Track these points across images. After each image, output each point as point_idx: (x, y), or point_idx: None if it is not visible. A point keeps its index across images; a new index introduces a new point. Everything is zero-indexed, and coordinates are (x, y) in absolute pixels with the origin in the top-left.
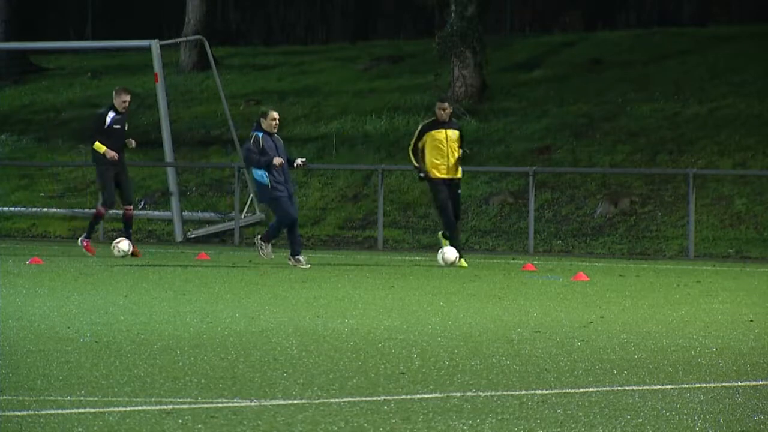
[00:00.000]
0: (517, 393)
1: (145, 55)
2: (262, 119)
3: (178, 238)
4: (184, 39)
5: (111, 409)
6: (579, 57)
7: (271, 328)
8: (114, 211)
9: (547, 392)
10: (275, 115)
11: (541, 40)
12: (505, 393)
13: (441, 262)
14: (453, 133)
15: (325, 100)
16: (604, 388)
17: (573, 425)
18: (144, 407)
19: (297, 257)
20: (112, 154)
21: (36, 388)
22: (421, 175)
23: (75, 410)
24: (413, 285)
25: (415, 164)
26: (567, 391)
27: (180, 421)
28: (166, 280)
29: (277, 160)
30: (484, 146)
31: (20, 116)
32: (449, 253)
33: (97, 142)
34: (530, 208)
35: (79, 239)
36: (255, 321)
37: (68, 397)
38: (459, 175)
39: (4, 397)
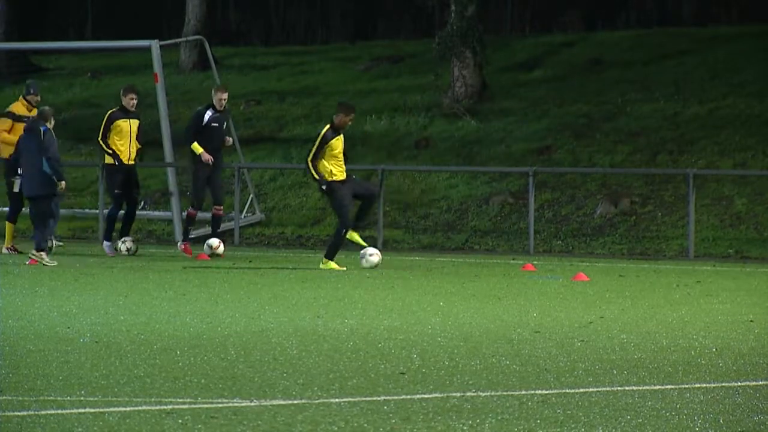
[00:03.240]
0: (517, 393)
1: (145, 55)
2: (44, 117)
3: (178, 238)
4: (184, 39)
5: (111, 409)
6: (579, 57)
7: (271, 329)
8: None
9: (547, 392)
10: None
11: (541, 40)
12: (505, 393)
13: (367, 264)
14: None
15: (325, 100)
16: (604, 389)
17: (573, 425)
18: (144, 407)
19: (41, 252)
20: (207, 157)
21: (36, 389)
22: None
23: (75, 410)
24: (413, 285)
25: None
26: (567, 391)
27: (180, 421)
28: (166, 281)
29: (63, 184)
30: (484, 146)
31: None
32: (375, 255)
33: (195, 143)
34: (530, 208)
35: (178, 244)
36: (255, 321)
37: (68, 398)
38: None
39: (4, 397)
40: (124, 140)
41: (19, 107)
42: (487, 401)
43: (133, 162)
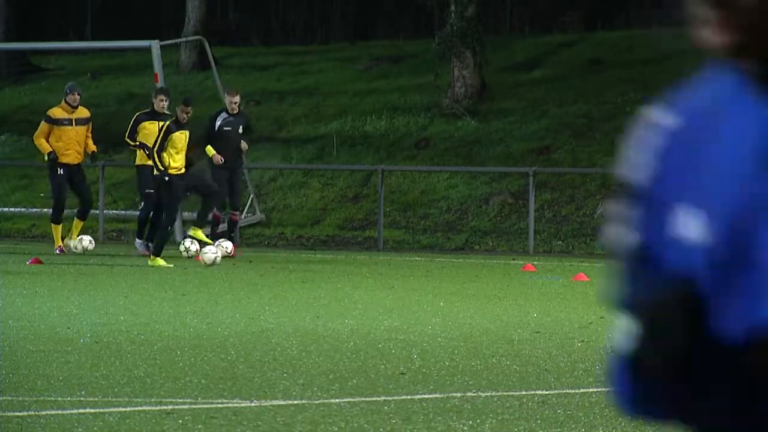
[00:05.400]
0: (517, 393)
1: (145, 55)
2: None
3: (178, 238)
4: (184, 39)
5: (111, 409)
6: (579, 57)
7: (271, 329)
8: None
9: (547, 393)
10: None
11: (540, 40)
12: (505, 393)
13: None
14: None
15: (325, 100)
16: (605, 389)
17: (573, 426)
18: (144, 407)
19: None
20: (218, 158)
21: (36, 389)
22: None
23: (75, 410)
24: (413, 285)
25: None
26: (567, 391)
27: (180, 421)
28: (166, 281)
29: None
30: (484, 146)
31: (20, 116)
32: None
33: (208, 146)
34: (530, 208)
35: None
36: (255, 321)
37: (68, 398)
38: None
39: (4, 398)
40: (152, 142)
41: (57, 111)
42: (488, 401)
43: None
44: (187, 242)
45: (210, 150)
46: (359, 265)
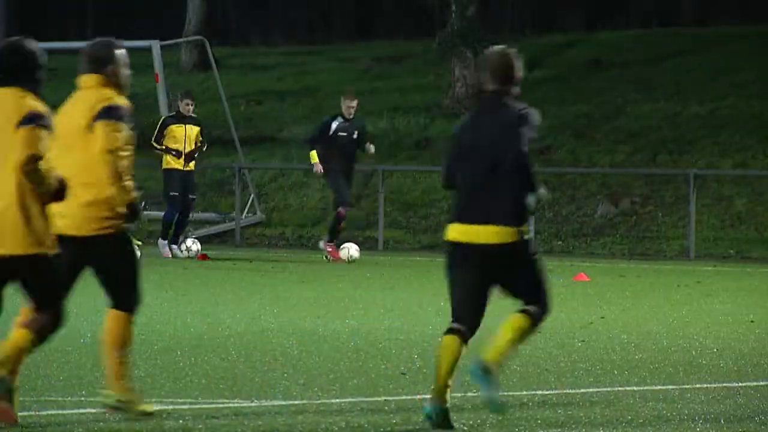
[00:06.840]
0: (517, 393)
1: (145, 55)
2: None
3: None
4: (185, 39)
5: None
6: (579, 57)
7: (272, 329)
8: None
9: (547, 392)
10: None
11: (541, 40)
12: (505, 393)
13: None
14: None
15: (326, 100)
16: (605, 389)
17: (574, 425)
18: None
19: None
20: (318, 168)
21: (36, 389)
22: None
23: (76, 411)
24: (413, 285)
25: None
26: (568, 391)
27: (180, 421)
28: (166, 281)
29: None
30: None
31: None
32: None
33: (313, 151)
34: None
35: (321, 243)
36: (255, 322)
37: (69, 398)
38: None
39: None
40: (179, 146)
41: None
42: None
43: (190, 168)
44: (189, 242)
45: (314, 156)
46: (359, 265)
